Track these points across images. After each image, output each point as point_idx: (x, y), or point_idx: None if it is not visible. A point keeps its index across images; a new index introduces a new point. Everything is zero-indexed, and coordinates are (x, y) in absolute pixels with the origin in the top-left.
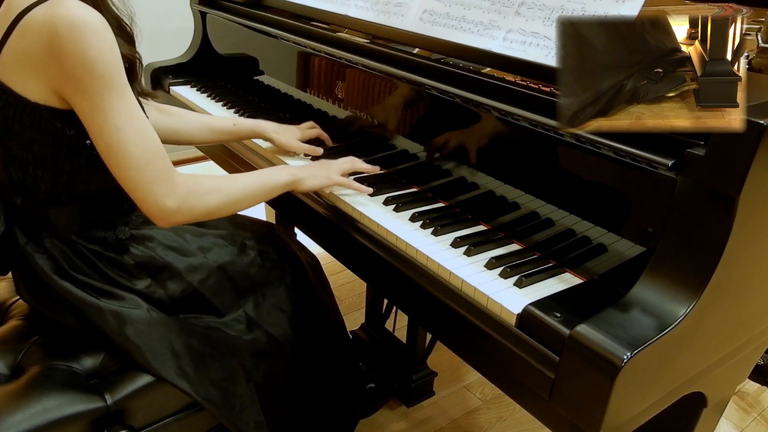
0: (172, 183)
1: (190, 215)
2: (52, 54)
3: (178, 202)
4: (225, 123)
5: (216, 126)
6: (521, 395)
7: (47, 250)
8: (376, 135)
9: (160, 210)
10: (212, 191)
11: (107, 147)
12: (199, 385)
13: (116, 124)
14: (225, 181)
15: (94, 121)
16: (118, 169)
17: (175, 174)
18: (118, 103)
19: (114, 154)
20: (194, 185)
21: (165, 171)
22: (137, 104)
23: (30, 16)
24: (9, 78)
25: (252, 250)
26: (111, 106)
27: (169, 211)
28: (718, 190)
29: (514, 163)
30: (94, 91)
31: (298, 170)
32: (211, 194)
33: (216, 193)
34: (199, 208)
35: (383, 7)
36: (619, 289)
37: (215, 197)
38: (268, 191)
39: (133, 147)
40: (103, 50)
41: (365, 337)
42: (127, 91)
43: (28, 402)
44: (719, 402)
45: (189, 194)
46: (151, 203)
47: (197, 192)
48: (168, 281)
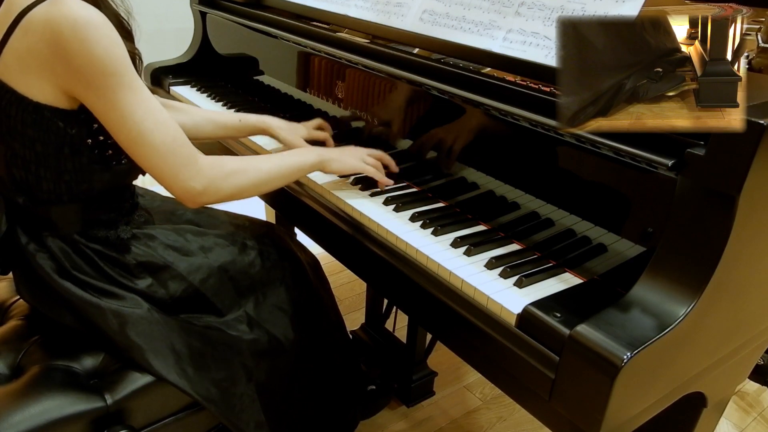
0: (196, 166)
1: (218, 196)
2: (58, 54)
3: (204, 184)
4: (231, 118)
5: (221, 121)
6: (521, 395)
7: (49, 249)
8: (376, 135)
9: (187, 192)
10: (238, 172)
11: (129, 141)
12: (200, 385)
13: (134, 118)
14: (250, 162)
15: (111, 118)
16: (143, 160)
17: (199, 157)
18: (132, 97)
19: (137, 146)
20: (219, 167)
21: (188, 156)
22: (150, 95)
23: (31, 15)
24: (11, 78)
25: (252, 250)
26: (126, 101)
27: (196, 193)
28: (718, 190)
29: (514, 163)
30: (107, 88)
31: (327, 151)
32: (236, 175)
33: (241, 174)
34: (225, 189)
35: (383, 7)
36: (619, 289)
37: (241, 178)
38: (294, 171)
39: (153, 138)
40: (109, 47)
41: (365, 337)
42: (138, 82)
43: (28, 402)
44: (719, 402)
45: (215, 176)
46: (178, 187)
47: (223, 173)
48: (169, 281)
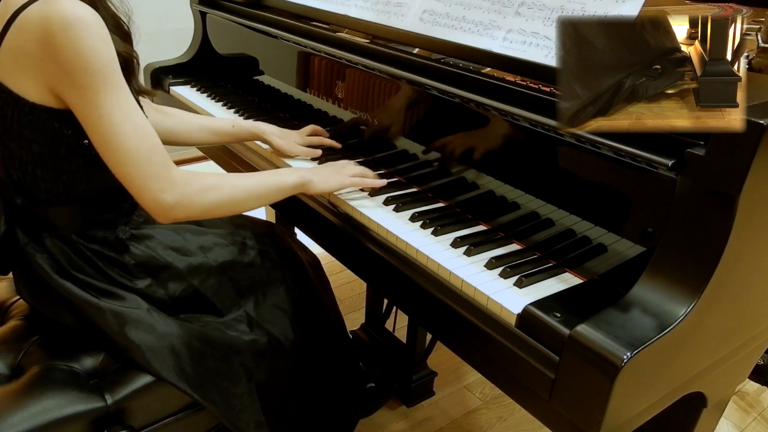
0: (169, 179)
1: (189, 211)
2: (47, 51)
3: (176, 198)
4: (224, 125)
5: (214, 127)
6: (521, 395)
7: (48, 249)
8: (376, 135)
9: (158, 205)
10: (212, 188)
11: (103, 142)
12: (200, 385)
13: (111, 120)
14: (227, 180)
15: (89, 116)
16: (115, 165)
17: (173, 170)
18: (113, 98)
19: (110, 149)
20: (193, 182)
21: (162, 167)
22: (133, 100)
23: (25, 13)
24: (6, 77)
25: (252, 249)
26: (106, 102)
27: (167, 207)
28: (718, 190)
29: (514, 163)
30: (89, 87)
31: (309, 172)
32: (210, 191)
33: (216, 191)
34: (197, 205)
35: (383, 7)
36: (619, 289)
37: (215, 195)
38: (274, 193)
39: (129, 143)
40: (96, 46)
41: (365, 337)
42: (123, 87)
43: (28, 402)
44: (719, 402)
45: (187, 191)
46: (148, 198)
47: (196, 189)
48: (168, 281)
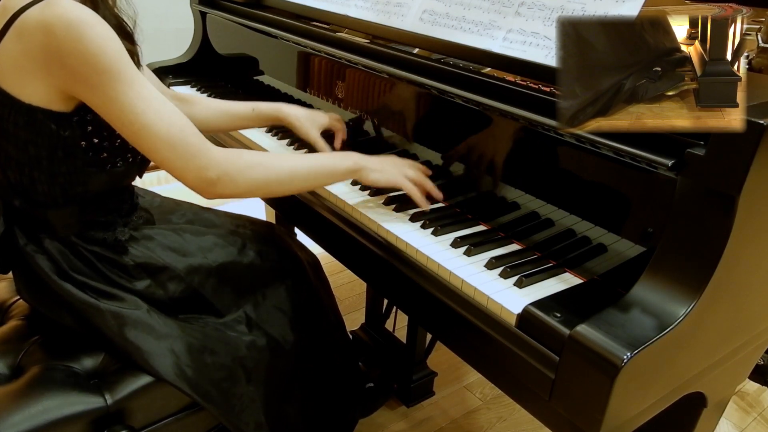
0: (208, 155)
1: (232, 188)
2: (52, 55)
3: (218, 173)
4: (244, 108)
5: (234, 111)
6: (521, 395)
7: (47, 251)
8: (377, 135)
9: (201, 182)
10: (256, 165)
11: (134, 135)
12: (199, 386)
13: (135, 111)
14: (273, 158)
15: (112, 114)
16: (151, 153)
17: (211, 147)
18: (130, 91)
19: (142, 139)
20: (236, 158)
21: (198, 145)
22: (152, 87)
23: (24, 17)
24: (3, 79)
25: (252, 250)
26: (125, 96)
27: (210, 182)
28: (718, 190)
29: (514, 163)
30: (104, 85)
31: (365, 159)
32: (254, 168)
33: (260, 168)
34: (241, 182)
35: (383, 7)
36: (619, 289)
37: (259, 172)
38: (324, 176)
39: (158, 129)
40: (102, 44)
41: (365, 337)
42: (138, 77)
43: (28, 402)
44: (719, 402)
45: (229, 167)
46: (191, 177)
47: (238, 165)
48: (168, 282)
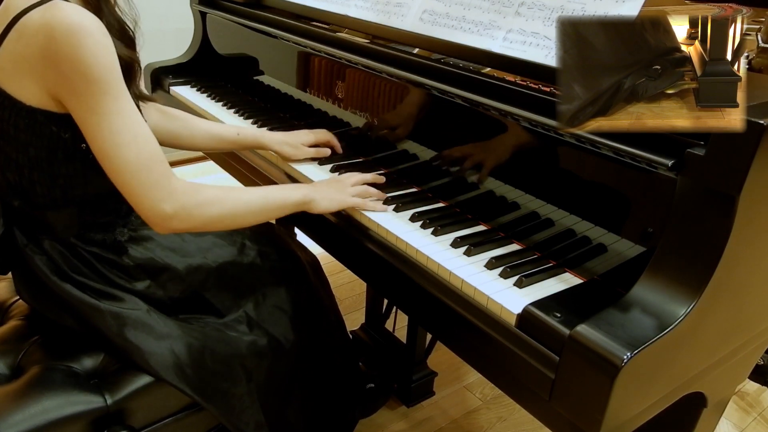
0: (169, 188)
1: (188, 223)
2: (49, 57)
3: (175, 208)
4: (228, 132)
5: (219, 134)
6: (521, 395)
7: (46, 252)
8: (376, 135)
9: (156, 215)
10: (213, 202)
11: (102, 150)
12: (199, 386)
13: (111, 128)
14: (229, 194)
15: (89, 124)
16: (114, 173)
17: (173, 180)
18: (113, 106)
19: (109, 157)
20: (194, 193)
21: (162, 176)
22: (134, 108)
23: (27, 18)
24: (4, 81)
25: (252, 250)
26: (106, 110)
27: (166, 217)
28: (718, 190)
29: (514, 163)
30: (90, 94)
31: (312, 191)
32: (211, 205)
33: (217, 205)
34: (197, 217)
35: (383, 7)
36: (619, 289)
37: (216, 208)
38: (275, 209)
39: (128, 151)
40: (98, 54)
41: (365, 337)
42: (124, 95)
43: (28, 402)
44: (719, 402)
45: (187, 202)
46: (147, 207)
47: (197, 201)
48: (168, 282)
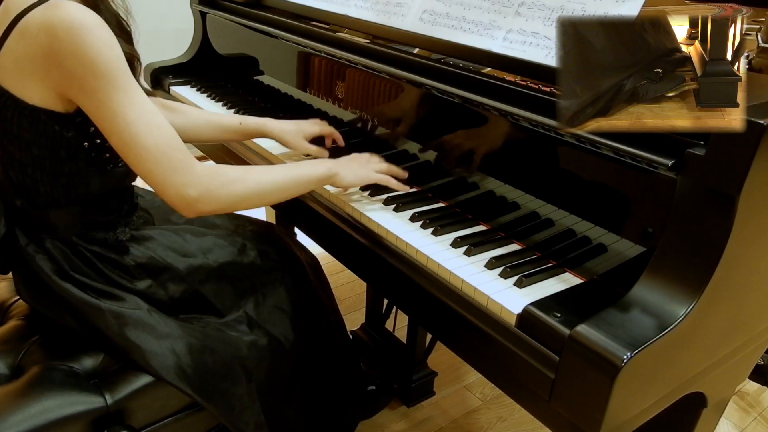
0: (192, 172)
1: (214, 205)
2: (52, 56)
3: (200, 191)
4: (231, 121)
5: (222, 124)
6: (521, 395)
7: (48, 251)
8: (377, 135)
9: (182, 200)
10: (236, 181)
11: (121, 143)
12: (200, 386)
13: (126, 120)
14: (252, 172)
15: (103, 119)
16: (136, 163)
17: (195, 163)
18: (124, 99)
19: (129, 149)
20: (217, 174)
21: (183, 161)
22: (146, 98)
23: (28, 18)
24: (7, 80)
25: (252, 250)
26: (118, 103)
27: (191, 200)
28: (718, 190)
29: (514, 163)
30: (99, 90)
31: (336, 164)
32: (235, 184)
33: (240, 183)
34: (223, 198)
35: (383, 7)
36: (619, 289)
37: (240, 187)
38: (301, 184)
39: (146, 140)
40: (102, 49)
41: (365, 337)
42: (133, 85)
43: (28, 402)
44: (719, 402)
45: (211, 184)
46: (172, 193)
47: (220, 182)
48: (168, 282)
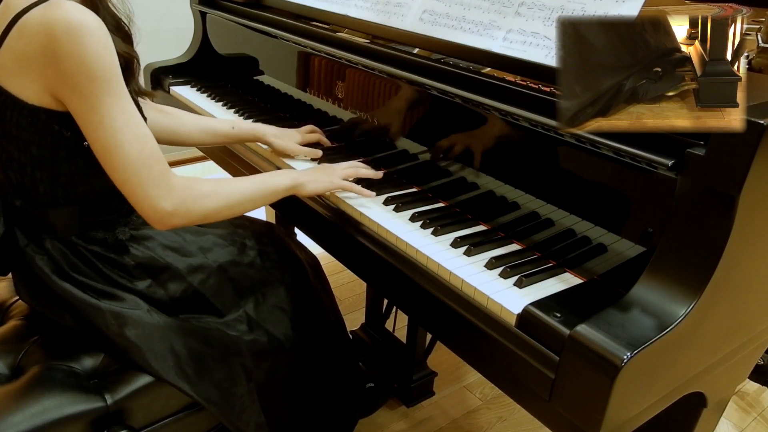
0: (168, 186)
1: (187, 218)
2: (49, 56)
3: (175, 205)
4: (223, 126)
5: (214, 129)
6: (521, 395)
7: (47, 251)
8: (376, 135)
9: (156, 212)
10: (209, 195)
11: (103, 149)
12: (200, 386)
13: (113, 126)
14: (223, 185)
15: (90, 122)
16: (114, 171)
17: (171, 177)
18: (114, 105)
19: (110, 155)
20: (191, 189)
21: (161, 174)
22: (134, 107)
23: (27, 17)
24: (6, 80)
25: (252, 250)
26: (108, 108)
27: (166, 214)
28: (718, 190)
29: (514, 163)
30: (91, 93)
31: (301, 174)
32: (208, 197)
33: (213, 197)
34: (196, 212)
35: (383, 7)
36: (619, 289)
37: (213, 201)
38: (268, 195)
39: (129, 149)
40: (99, 52)
41: (365, 337)
42: (125, 94)
43: (28, 402)
44: (719, 402)
45: (186, 197)
46: (147, 206)
47: (194, 195)
48: (168, 282)
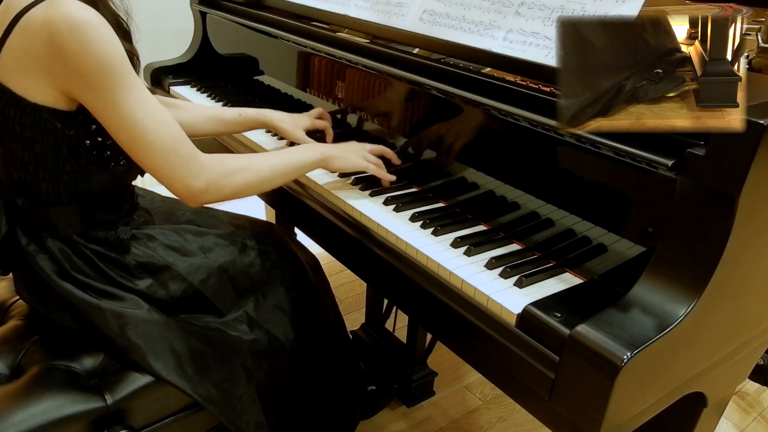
0: (198, 164)
1: (219, 194)
2: (55, 54)
3: (206, 182)
4: (230, 113)
5: (221, 116)
6: (521, 395)
7: (49, 250)
8: (376, 135)
9: (189, 192)
10: (239, 170)
11: (130, 141)
12: (200, 386)
13: (134, 117)
14: (252, 160)
15: (111, 117)
16: (143, 159)
17: (200, 156)
18: (131, 96)
19: (138, 146)
20: (221, 165)
21: (189, 154)
22: (150, 94)
23: (29, 16)
24: (9, 79)
25: (252, 250)
26: (125, 101)
27: (198, 192)
28: (718, 190)
29: (514, 163)
30: (106, 89)
31: (329, 149)
32: (238, 173)
33: (243, 172)
34: (227, 188)
35: (383, 7)
36: (619, 289)
37: (243, 176)
38: (296, 168)
39: (154, 136)
40: (106, 47)
41: (365, 337)
42: (138, 84)
43: (28, 402)
44: (719, 402)
45: (216, 174)
46: (179, 186)
47: (224, 172)
48: (169, 281)
